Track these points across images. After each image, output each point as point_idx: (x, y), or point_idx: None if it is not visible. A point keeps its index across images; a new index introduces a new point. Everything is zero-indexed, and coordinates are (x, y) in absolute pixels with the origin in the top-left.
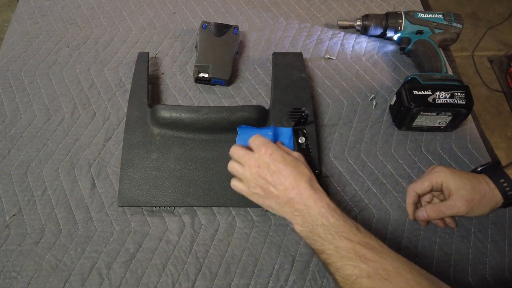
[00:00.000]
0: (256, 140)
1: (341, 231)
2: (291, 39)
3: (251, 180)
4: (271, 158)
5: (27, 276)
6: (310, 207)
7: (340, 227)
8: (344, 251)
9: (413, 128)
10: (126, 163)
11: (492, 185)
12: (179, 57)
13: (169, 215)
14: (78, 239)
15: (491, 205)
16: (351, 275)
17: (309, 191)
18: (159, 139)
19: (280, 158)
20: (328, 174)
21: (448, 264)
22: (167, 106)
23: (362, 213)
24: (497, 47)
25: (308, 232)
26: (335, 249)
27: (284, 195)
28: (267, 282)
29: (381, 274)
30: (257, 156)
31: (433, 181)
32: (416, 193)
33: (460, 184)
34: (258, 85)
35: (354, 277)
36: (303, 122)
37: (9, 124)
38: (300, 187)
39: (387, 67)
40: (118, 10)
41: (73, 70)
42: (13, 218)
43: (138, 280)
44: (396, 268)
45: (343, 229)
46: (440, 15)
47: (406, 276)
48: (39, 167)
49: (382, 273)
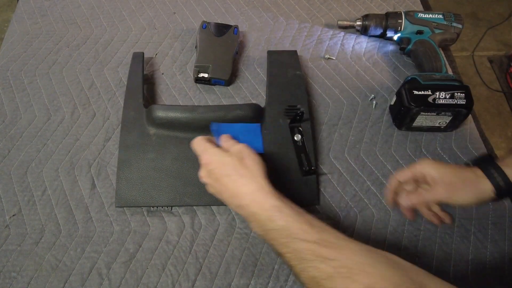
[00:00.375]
0: (196, 145)
1: (294, 233)
2: (291, 39)
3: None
4: (210, 168)
5: (27, 276)
6: (257, 213)
7: (292, 229)
8: (301, 254)
9: (413, 128)
10: (123, 164)
11: (480, 172)
12: (179, 57)
13: (169, 215)
14: (78, 239)
15: (476, 192)
16: (313, 277)
17: (251, 196)
18: (155, 139)
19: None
20: (328, 174)
21: (448, 264)
22: (163, 106)
23: (362, 213)
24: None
25: (264, 236)
26: (293, 252)
27: (231, 202)
28: (267, 282)
29: (343, 273)
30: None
31: (415, 169)
32: (397, 180)
33: (441, 171)
34: (258, 85)
35: (317, 279)
36: (298, 119)
37: (9, 124)
38: (242, 194)
39: (387, 67)
40: (118, 10)
41: (73, 70)
42: (13, 218)
43: (138, 280)
44: (358, 263)
45: (295, 231)
46: (440, 15)
47: (369, 271)
48: (39, 167)
49: (343, 271)
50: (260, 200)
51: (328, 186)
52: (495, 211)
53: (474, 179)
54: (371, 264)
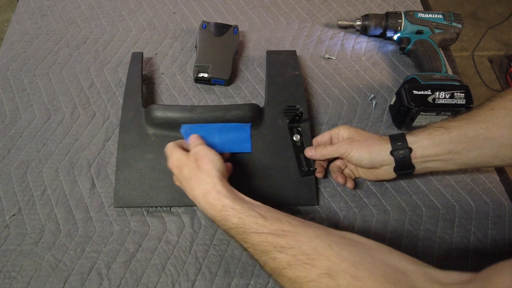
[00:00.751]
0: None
1: (248, 228)
2: (291, 39)
3: None
4: (174, 172)
5: (27, 276)
6: (212, 216)
7: (246, 224)
8: (260, 247)
9: (413, 128)
10: (121, 164)
11: (386, 141)
12: (179, 57)
13: (169, 215)
14: (77, 239)
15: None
16: (275, 268)
17: (204, 198)
18: (154, 139)
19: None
20: (328, 174)
21: (448, 264)
22: (162, 106)
23: (362, 213)
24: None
25: (227, 234)
26: (252, 246)
27: (196, 202)
28: (267, 282)
29: (302, 259)
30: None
31: (332, 132)
32: (316, 141)
33: (353, 132)
34: (258, 85)
35: (278, 269)
36: (297, 119)
37: (9, 124)
38: (197, 197)
39: (387, 67)
40: (118, 10)
41: (73, 70)
42: (12, 218)
43: (138, 280)
44: (315, 248)
45: (249, 226)
46: (440, 15)
47: (326, 254)
48: (38, 167)
49: (302, 258)
50: (212, 201)
51: (328, 186)
52: (495, 211)
53: (378, 142)
54: (328, 246)
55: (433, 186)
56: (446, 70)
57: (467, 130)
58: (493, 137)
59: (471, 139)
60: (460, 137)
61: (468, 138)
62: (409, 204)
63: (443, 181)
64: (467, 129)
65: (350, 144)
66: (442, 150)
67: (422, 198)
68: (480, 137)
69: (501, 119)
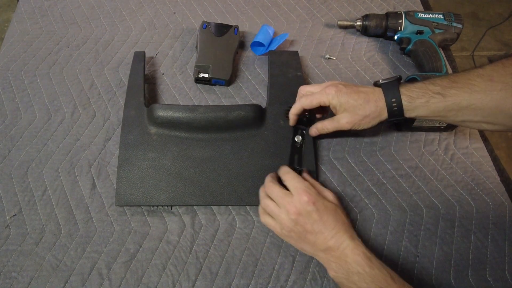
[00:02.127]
0: (295, 182)
1: (376, 281)
2: (292, 39)
3: (286, 224)
4: (314, 207)
5: (27, 276)
6: (347, 255)
7: (376, 276)
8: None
9: (413, 128)
10: (123, 163)
11: (382, 103)
12: (179, 57)
13: (169, 215)
14: (78, 239)
15: (375, 120)
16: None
17: (347, 240)
18: (156, 139)
19: (323, 207)
20: (328, 174)
21: (448, 264)
22: (164, 105)
23: (362, 213)
24: (497, 47)
25: (343, 279)
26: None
27: (323, 243)
28: (267, 282)
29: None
30: (297, 202)
31: (321, 101)
32: (302, 107)
33: (346, 105)
34: (258, 85)
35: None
36: (305, 122)
37: (9, 124)
38: (339, 236)
39: (387, 67)
40: (118, 10)
41: (73, 70)
42: (13, 218)
43: (139, 280)
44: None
45: (378, 279)
46: (440, 15)
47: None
48: (39, 167)
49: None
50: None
51: (328, 186)
52: (495, 211)
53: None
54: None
55: (433, 186)
56: (446, 70)
57: (462, 99)
58: (483, 107)
59: (462, 107)
60: (453, 106)
61: (460, 106)
62: (409, 204)
63: (443, 181)
64: (463, 98)
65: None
66: (434, 114)
67: (423, 198)
68: (472, 107)
69: (496, 92)
